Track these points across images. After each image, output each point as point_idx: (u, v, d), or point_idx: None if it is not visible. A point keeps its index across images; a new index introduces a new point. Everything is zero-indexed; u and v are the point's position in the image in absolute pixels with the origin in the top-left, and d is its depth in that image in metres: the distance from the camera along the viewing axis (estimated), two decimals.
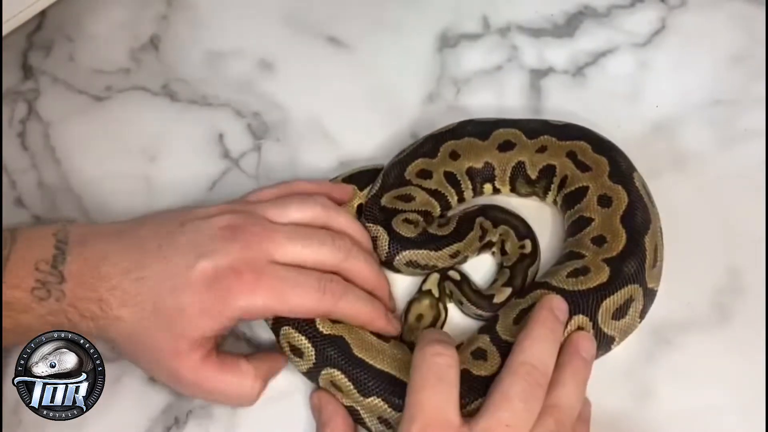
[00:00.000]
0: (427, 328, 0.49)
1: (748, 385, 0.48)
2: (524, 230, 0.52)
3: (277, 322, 0.48)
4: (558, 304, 0.44)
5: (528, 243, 0.51)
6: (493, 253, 0.53)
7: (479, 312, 0.50)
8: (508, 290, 0.50)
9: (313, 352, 0.46)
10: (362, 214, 0.52)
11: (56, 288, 0.42)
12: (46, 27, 0.65)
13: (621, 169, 0.51)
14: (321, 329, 0.46)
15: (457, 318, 0.51)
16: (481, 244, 0.52)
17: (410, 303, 0.50)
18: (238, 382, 0.45)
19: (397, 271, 0.51)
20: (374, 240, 0.50)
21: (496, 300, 0.49)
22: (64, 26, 0.65)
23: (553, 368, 0.43)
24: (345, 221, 0.49)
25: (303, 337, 0.46)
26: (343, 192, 0.52)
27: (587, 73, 0.61)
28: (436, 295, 0.50)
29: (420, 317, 0.49)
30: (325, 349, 0.46)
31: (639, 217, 0.49)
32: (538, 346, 0.42)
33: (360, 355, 0.45)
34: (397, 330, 0.48)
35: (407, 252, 0.49)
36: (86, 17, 0.65)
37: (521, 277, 0.50)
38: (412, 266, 0.50)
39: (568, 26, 0.63)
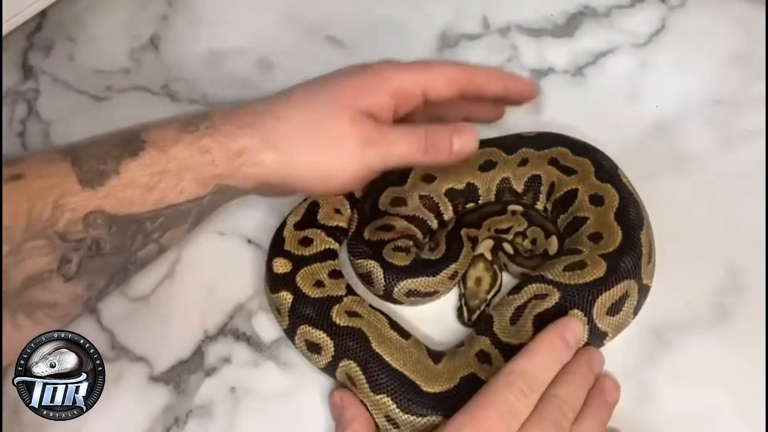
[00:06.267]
0: (486, 290, 0.50)
1: (748, 385, 0.48)
2: (500, 205, 0.53)
3: (293, 323, 0.48)
4: (574, 330, 0.44)
5: (515, 206, 0.52)
6: (508, 240, 0.52)
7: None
8: (553, 238, 0.51)
9: (331, 345, 0.46)
10: (349, 252, 0.51)
11: (204, 122, 0.44)
12: (46, 27, 0.65)
13: (605, 168, 0.52)
14: (338, 322, 0.47)
15: (454, 318, 0.51)
16: (475, 254, 0.51)
17: (465, 272, 0.51)
18: (417, 133, 0.47)
19: (399, 303, 0.50)
20: (368, 275, 0.49)
21: (551, 252, 0.50)
22: (64, 26, 0.65)
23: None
24: None
25: (321, 332, 0.47)
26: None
27: (587, 73, 0.61)
28: (489, 258, 0.51)
29: (479, 280, 0.50)
30: (344, 341, 0.46)
31: (633, 214, 0.49)
32: (537, 361, 0.42)
33: (378, 350, 0.46)
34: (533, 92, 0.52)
35: (405, 282, 0.49)
36: (86, 17, 0.65)
37: (548, 222, 0.52)
38: (413, 295, 0.49)
39: (568, 26, 0.63)
